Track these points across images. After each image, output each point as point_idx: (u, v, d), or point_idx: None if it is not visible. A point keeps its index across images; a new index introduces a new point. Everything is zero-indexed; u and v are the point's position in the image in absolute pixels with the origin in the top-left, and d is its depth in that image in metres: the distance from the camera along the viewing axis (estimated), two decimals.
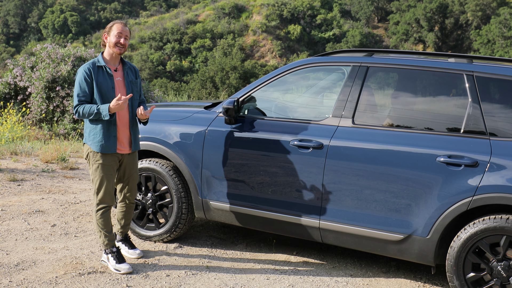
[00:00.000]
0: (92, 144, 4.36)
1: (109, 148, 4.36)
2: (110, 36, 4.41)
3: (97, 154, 4.37)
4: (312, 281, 4.49)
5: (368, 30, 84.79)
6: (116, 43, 4.39)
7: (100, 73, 4.36)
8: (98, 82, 4.33)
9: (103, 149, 4.35)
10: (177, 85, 41.87)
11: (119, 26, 4.41)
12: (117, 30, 4.39)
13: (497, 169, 3.86)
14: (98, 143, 4.34)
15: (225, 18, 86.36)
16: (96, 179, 4.40)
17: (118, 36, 4.38)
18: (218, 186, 4.87)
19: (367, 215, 4.29)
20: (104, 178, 4.38)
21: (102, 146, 4.34)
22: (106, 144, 4.35)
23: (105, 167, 4.38)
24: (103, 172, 4.37)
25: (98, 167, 4.38)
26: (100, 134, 4.34)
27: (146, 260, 4.76)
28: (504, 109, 4.04)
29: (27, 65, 12.78)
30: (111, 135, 4.36)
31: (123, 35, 4.40)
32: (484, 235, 3.87)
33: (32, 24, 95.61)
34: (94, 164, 4.39)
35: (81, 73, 4.32)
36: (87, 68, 4.33)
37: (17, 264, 4.53)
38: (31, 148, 9.42)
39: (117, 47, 4.39)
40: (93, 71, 4.33)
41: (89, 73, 4.32)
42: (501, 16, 68.19)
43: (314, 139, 4.46)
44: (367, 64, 4.52)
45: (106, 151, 4.36)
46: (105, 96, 4.34)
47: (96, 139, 4.35)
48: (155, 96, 14.18)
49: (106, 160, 4.38)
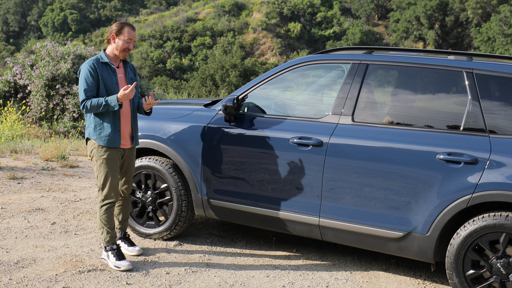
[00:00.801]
0: (98, 138, 4.40)
1: (114, 142, 4.41)
2: (120, 39, 4.40)
3: (102, 149, 4.40)
4: (312, 278, 4.50)
5: (368, 28, 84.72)
6: (125, 49, 4.42)
7: (105, 69, 4.40)
8: (103, 77, 4.37)
9: (109, 143, 4.39)
10: (177, 83, 41.85)
11: (131, 32, 4.41)
12: (128, 35, 4.39)
13: (496, 167, 3.86)
14: (105, 137, 4.39)
15: (225, 16, 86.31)
16: (101, 174, 4.44)
17: (128, 42, 4.40)
18: (218, 184, 4.87)
19: (366, 213, 4.29)
20: (109, 173, 4.42)
21: (109, 140, 4.39)
22: (113, 138, 4.40)
23: (109, 161, 4.42)
24: (108, 167, 4.41)
25: (102, 162, 4.42)
26: (107, 128, 4.39)
27: (146, 257, 4.76)
28: (504, 107, 4.04)
29: (27, 63, 12.78)
30: (116, 129, 4.42)
31: (132, 41, 4.42)
32: (483, 232, 3.87)
33: (32, 22, 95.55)
34: (98, 159, 4.43)
35: (85, 68, 4.34)
36: (91, 63, 4.36)
37: (17, 262, 4.53)
38: (31, 146, 9.42)
39: (124, 52, 4.43)
40: (98, 66, 4.37)
41: (94, 67, 4.35)
42: (501, 14, 68.12)
43: (313, 137, 4.45)
44: (367, 62, 4.52)
45: (112, 145, 4.40)
46: (110, 92, 4.39)
47: (103, 134, 4.39)
48: (155, 94, 14.18)
49: (111, 154, 4.42)
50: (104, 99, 4.28)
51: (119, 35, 4.40)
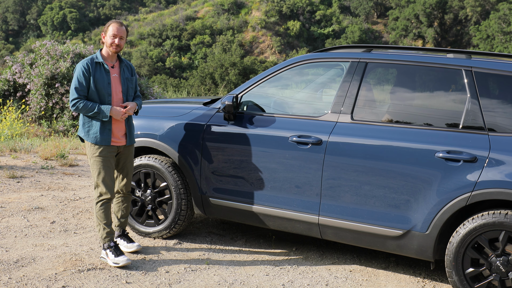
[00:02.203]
0: (87, 136, 4.51)
1: (104, 140, 4.49)
2: (107, 36, 4.54)
3: (94, 147, 4.49)
4: (311, 277, 4.50)
5: (367, 26, 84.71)
6: (111, 44, 4.53)
7: (98, 68, 4.50)
8: (95, 77, 4.47)
9: (98, 141, 4.48)
10: (176, 82, 41.78)
11: (114, 27, 4.54)
12: (112, 31, 4.53)
13: (495, 165, 3.86)
14: (93, 135, 4.49)
15: (224, 14, 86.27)
16: (94, 171, 4.52)
17: (113, 36, 4.53)
18: (217, 182, 4.87)
19: (366, 211, 4.29)
20: (102, 170, 4.49)
21: (97, 138, 4.48)
22: (101, 137, 4.48)
23: (102, 159, 4.49)
24: (101, 164, 4.49)
25: (95, 160, 4.51)
26: (96, 126, 4.48)
27: (145, 256, 4.77)
28: (503, 104, 4.04)
29: (26, 62, 12.76)
30: (105, 128, 4.50)
31: (118, 35, 4.53)
32: (483, 230, 3.87)
33: (31, 21, 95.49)
34: (92, 157, 4.52)
35: (79, 68, 4.46)
36: (85, 63, 4.47)
37: (17, 261, 4.53)
38: (31, 145, 9.42)
39: (112, 47, 4.54)
40: (91, 67, 4.48)
41: (87, 68, 4.46)
42: (500, 12, 68.13)
43: (313, 135, 4.45)
44: (366, 60, 4.52)
45: (101, 143, 4.48)
46: (101, 92, 4.49)
47: (91, 131, 4.50)
48: (154, 92, 14.16)
49: (102, 152, 4.50)
50: (97, 107, 4.41)
51: (106, 32, 4.55)
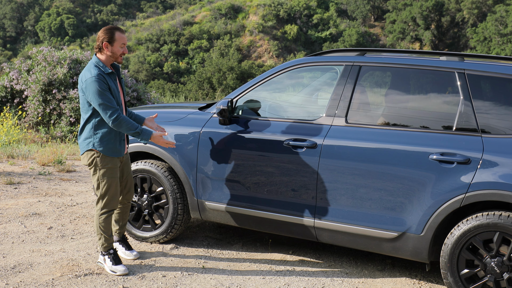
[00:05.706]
0: (105, 149, 4.35)
1: (120, 152, 4.45)
2: (114, 46, 4.31)
3: (106, 158, 4.37)
4: (308, 280, 4.51)
5: (364, 29, 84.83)
6: (123, 53, 4.36)
7: (108, 78, 4.31)
8: (111, 88, 4.30)
9: (115, 153, 4.40)
10: (174, 87, 41.81)
11: (122, 36, 4.33)
12: (121, 41, 4.32)
13: (489, 166, 3.89)
14: (112, 148, 4.38)
15: (221, 19, 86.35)
16: (104, 183, 4.39)
17: (122, 46, 4.33)
18: (213, 187, 4.89)
19: (361, 214, 4.31)
20: (113, 181, 4.41)
21: (116, 150, 4.40)
22: (119, 148, 4.43)
23: (114, 170, 4.42)
24: (112, 175, 4.41)
25: (106, 171, 4.38)
26: (115, 139, 4.38)
27: (142, 261, 4.78)
28: (496, 106, 4.07)
29: (23, 68, 12.79)
30: (122, 139, 4.45)
31: (125, 45, 4.37)
32: (477, 231, 3.90)
33: (29, 27, 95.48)
34: (102, 168, 4.38)
35: (97, 82, 4.20)
36: (101, 76, 4.23)
37: (14, 266, 4.54)
38: (28, 151, 9.43)
39: (121, 57, 4.38)
40: (106, 78, 4.28)
41: (105, 80, 4.25)
42: (497, 14, 68.29)
43: (308, 139, 4.48)
44: (360, 63, 4.54)
45: (118, 154, 4.43)
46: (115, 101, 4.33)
47: (110, 145, 4.36)
48: (151, 97, 14.18)
49: (114, 163, 4.42)
50: (138, 128, 4.29)
51: (112, 42, 4.31)
